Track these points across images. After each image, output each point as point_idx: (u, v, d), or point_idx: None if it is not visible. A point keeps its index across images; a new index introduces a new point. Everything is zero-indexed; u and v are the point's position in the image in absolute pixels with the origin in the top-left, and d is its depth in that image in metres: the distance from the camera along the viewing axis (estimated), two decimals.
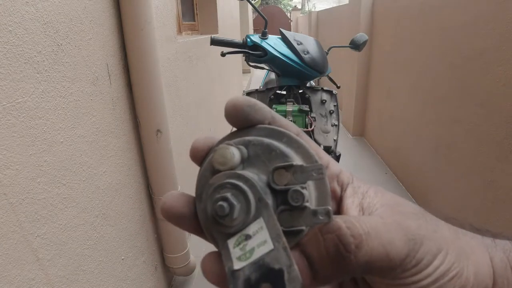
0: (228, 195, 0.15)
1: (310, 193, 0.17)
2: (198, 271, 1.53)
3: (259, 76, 6.34)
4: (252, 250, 0.15)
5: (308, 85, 1.41)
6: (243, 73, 4.93)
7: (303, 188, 0.16)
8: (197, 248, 1.68)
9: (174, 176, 1.16)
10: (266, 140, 0.17)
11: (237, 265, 0.15)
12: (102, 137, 0.85)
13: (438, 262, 0.16)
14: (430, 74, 1.80)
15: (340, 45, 1.57)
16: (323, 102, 1.33)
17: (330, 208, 0.16)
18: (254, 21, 8.50)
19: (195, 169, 0.19)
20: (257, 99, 1.37)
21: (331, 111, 1.33)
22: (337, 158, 1.31)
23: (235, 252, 0.15)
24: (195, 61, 1.86)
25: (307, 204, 0.16)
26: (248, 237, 0.15)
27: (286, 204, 0.16)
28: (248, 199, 0.15)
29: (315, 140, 1.27)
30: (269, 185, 0.16)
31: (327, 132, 1.31)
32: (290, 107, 1.22)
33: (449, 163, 1.64)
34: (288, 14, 11.58)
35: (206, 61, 2.16)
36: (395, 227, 0.16)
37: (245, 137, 0.18)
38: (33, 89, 0.61)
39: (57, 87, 0.67)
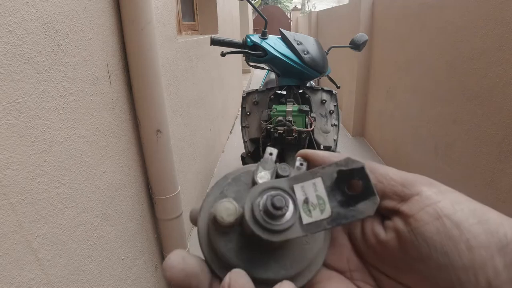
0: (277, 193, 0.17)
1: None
2: None
3: (259, 76, 6.34)
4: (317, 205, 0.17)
5: (308, 85, 1.41)
6: (243, 73, 4.93)
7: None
8: (197, 248, 1.68)
9: (174, 176, 1.16)
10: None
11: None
12: (102, 137, 0.85)
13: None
14: (430, 74, 1.80)
15: (340, 45, 1.57)
16: (323, 102, 1.33)
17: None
18: (254, 21, 8.49)
19: (195, 169, 0.19)
20: (257, 99, 1.37)
21: (331, 111, 1.33)
22: None
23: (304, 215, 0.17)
24: (195, 61, 1.85)
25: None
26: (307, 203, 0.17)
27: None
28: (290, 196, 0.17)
29: (315, 140, 1.27)
30: None
31: (327, 132, 1.31)
32: (290, 107, 1.22)
33: (449, 163, 1.64)
34: (288, 14, 11.58)
35: (206, 61, 2.16)
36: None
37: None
38: (33, 89, 0.61)
39: (57, 87, 0.67)
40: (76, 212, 0.74)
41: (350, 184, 0.17)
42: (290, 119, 1.19)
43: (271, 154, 0.19)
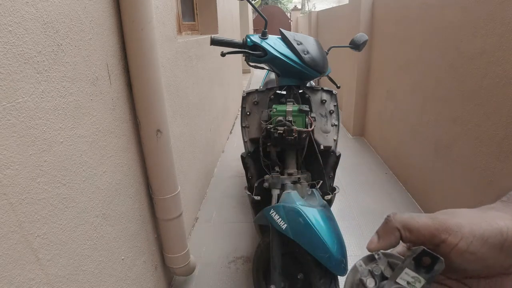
0: None
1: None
2: (198, 271, 1.53)
3: (259, 76, 6.34)
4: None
5: (308, 85, 1.41)
6: (243, 73, 4.93)
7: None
8: (197, 248, 1.68)
9: (174, 176, 1.16)
10: None
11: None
12: (102, 137, 0.85)
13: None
14: (430, 74, 1.81)
15: (340, 45, 1.57)
16: (323, 102, 1.33)
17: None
18: (254, 21, 8.50)
19: (195, 169, 0.19)
20: (257, 99, 1.37)
21: (331, 111, 1.33)
22: (337, 158, 1.31)
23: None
24: (195, 61, 1.86)
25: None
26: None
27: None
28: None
29: (315, 140, 1.27)
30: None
31: (327, 132, 1.31)
32: (290, 107, 1.22)
33: (449, 163, 1.64)
34: (288, 14, 11.58)
35: (206, 61, 2.16)
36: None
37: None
38: (33, 89, 0.61)
39: (57, 87, 0.67)
40: (76, 212, 0.74)
41: (423, 260, 0.27)
42: (290, 119, 1.19)
43: (360, 265, 0.30)
